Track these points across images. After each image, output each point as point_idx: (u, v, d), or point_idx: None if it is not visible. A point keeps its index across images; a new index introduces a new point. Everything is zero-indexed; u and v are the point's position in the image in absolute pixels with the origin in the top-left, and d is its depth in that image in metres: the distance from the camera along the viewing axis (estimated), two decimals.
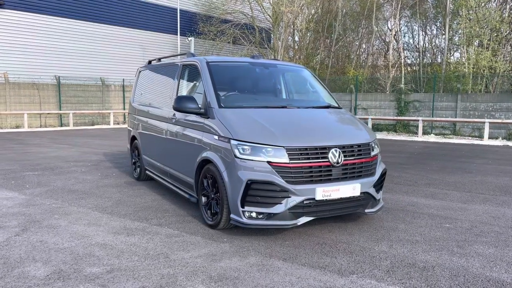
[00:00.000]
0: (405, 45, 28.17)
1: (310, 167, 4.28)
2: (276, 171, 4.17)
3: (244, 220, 4.25)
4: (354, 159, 4.56)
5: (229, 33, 27.08)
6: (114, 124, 22.87)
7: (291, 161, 4.20)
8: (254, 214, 4.25)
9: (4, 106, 20.67)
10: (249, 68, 5.63)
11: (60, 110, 22.19)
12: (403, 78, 22.33)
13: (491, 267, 3.72)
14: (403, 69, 24.07)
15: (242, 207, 4.24)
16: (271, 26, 27.91)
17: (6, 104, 20.77)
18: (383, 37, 26.39)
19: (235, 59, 5.95)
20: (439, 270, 3.64)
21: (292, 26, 27.77)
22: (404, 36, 29.80)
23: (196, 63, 5.43)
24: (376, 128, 19.90)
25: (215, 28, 26.93)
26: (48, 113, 21.64)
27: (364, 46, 27.86)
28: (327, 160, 4.34)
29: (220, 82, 5.18)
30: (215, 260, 3.80)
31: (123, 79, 24.34)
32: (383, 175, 4.94)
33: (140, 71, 7.83)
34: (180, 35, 26.08)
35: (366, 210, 4.75)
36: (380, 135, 18.48)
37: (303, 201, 4.23)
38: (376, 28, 26.02)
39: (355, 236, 4.51)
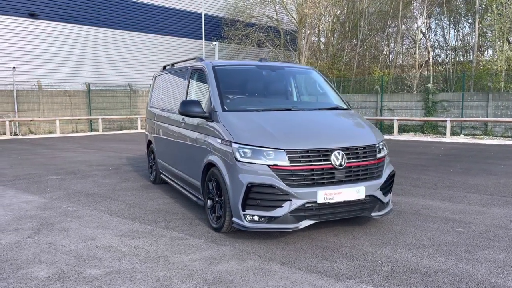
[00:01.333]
0: (436, 44, 27.49)
1: (312, 169, 4.23)
2: (276, 174, 4.15)
3: (245, 223, 4.24)
4: (359, 161, 4.47)
5: (253, 36, 27.21)
6: (141, 128, 23.38)
7: (291, 164, 4.17)
8: (255, 218, 4.24)
9: (38, 113, 21.53)
10: (255, 71, 5.63)
11: (90, 116, 22.89)
12: (431, 77, 21.75)
13: (498, 273, 3.55)
14: (432, 68, 23.45)
15: (243, 210, 4.23)
16: (295, 28, 27.83)
17: (40, 111, 21.63)
18: (411, 36, 25.78)
19: (242, 62, 5.97)
20: (442, 276, 3.51)
21: (317, 28, 27.59)
22: (435, 34, 29.08)
23: (202, 67, 5.48)
24: (403, 129, 19.44)
25: (239, 32, 27.12)
26: (78, 119, 22.36)
27: (392, 46, 27.31)
28: (330, 162, 4.28)
29: (225, 86, 5.20)
30: (213, 264, 3.81)
31: (150, 85, 24.86)
32: (390, 177, 4.83)
33: (155, 76, 7.99)
34: (205, 39, 26.39)
35: (372, 214, 4.64)
36: (406, 136, 18.05)
37: (304, 204, 4.19)
38: (405, 27, 25.49)
39: (360, 240, 4.42)
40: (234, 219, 4.36)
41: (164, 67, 7.71)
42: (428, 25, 27.73)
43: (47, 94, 21.77)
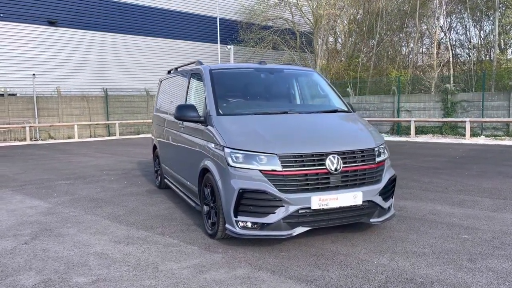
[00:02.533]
0: (457, 43, 26.85)
1: (306, 174, 4.10)
2: (268, 179, 4.04)
3: (238, 230, 4.14)
4: (356, 165, 4.31)
5: (269, 39, 27.13)
6: None
7: (284, 169, 4.05)
8: (248, 224, 4.13)
9: (57, 119, 21.97)
10: (254, 74, 5.54)
11: (107, 120, 23.22)
12: (451, 77, 21.20)
13: (499, 284, 3.34)
14: (451, 67, 22.87)
15: (235, 216, 4.14)
16: (311, 30, 27.63)
17: (59, 117, 22.06)
18: (430, 36, 25.22)
19: (240, 65, 5.88)
20: (438, 286, 3.32)
21: (333, 29, 27.31)
22: (456, 33, 28.42)
23: (200, 71, 5.42)
24: (421, 130, 18.98)
25: (255, 35, 27.09)
26: (96, 124, 22.71)
27: (409, 46, 26.79)
28: (325, 167, 4.14)
29: (221, 90, 5.13)
30: (201, 272, 3.72)
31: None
32: (391, 182, 4.64)
33: (161, 81, 7.99)
34: (221, 43, 26.46)
35: (372, 220, 4.47)
36: (424, 138, 17.62)
37: (298, 211, 4.06)
38: (425, 26, 24.96)
39: (358, 248, 4.26)
40: (227, 225, 4.27)
41: (169, 71, 7.69)
42: (448, 24, 27.14)
43: (66, 99, 22.19)
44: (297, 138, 4.37)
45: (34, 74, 21.03)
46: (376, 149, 4.53)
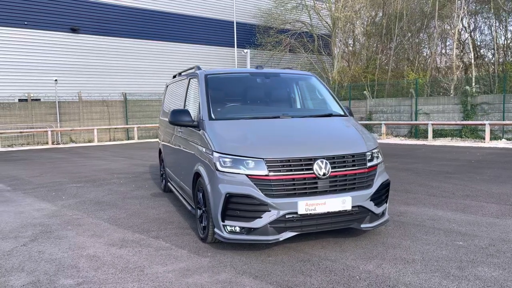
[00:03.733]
0: (482, 43, 26.17)
1: (293, 179, 4.09)
2: (254, 184, 4.04)
3: (225, 234, 4.16)
4: (346, 170, 4.27)
5: (286, 42, 27.12)
6: None
7: (270, 174, 4.04)
8: (236, 229, 4.15)
9: (78, 123, 22.52)
10: (249, 79, 5.56)
11: (126, 124, 23.65)
12: (473, 78, 20.67)
13: None
14: (473, 69, 22.30)
15: (223, 221, 4.16)
16: (329, 32, 27.47)
17: (80, 121, 22.62)
18: (449, 37, 24.68)
19: (237, 70, 5.93)
20: None
21: (352, 32, 27.08)
22: (481, 34, 27.71)
23: (197, 76, 5.48)
24: (440, 134, 18.57)
25: (272, 39, 27.13)
26: (115, 128, 23.17)
27: (430, 47, 26.27)
28: (312, 172, 4.11)
29: (216, 94, 5.18)
30: (185, 276, 3.76)
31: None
32: (384, 187, 4.57)
33: (167, 85, 8.09)
34: (238, 47, 26.61)
35: (362, 226, 4.41)
36: (442, 142, 17.23)
37: (285, 216, 4.05)
38: (448, 27, 24.46)
39: (347, 253, 4.21)
40: (215, 229, 4.29)
41: (174, 76, 7.79)
42: (473, 24, 26.50)
43: (86, 104, 22.74)
44: (285, 143, 4.36)
45: (56, 80, 21.63)
46: (368, 153, 4.47)
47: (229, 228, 4.15)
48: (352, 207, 4.22)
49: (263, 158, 4.08)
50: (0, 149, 19.35)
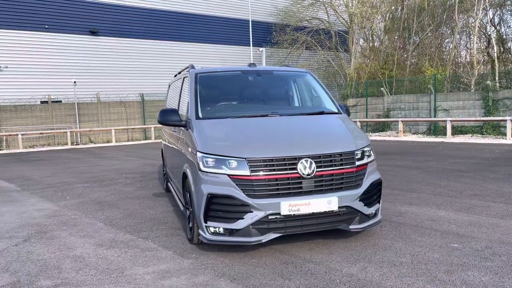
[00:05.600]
0: (508, 37, 25.26)
1: (276, 179, 3.97)
2: (236, 184, 3.95)
3: (207, 235, 4.08)
4: (332, 169, 4.12)
5: (302, 39, 26.88)
6: None
7: (252, 174, 3.94)
8: (219, 230, 4.06)
9: (97, 123, 22.92)
10: (240, 77, 5.46)
11: (144, 125, 23.92)
12: (497, 73, 19.95)
13: None
14: (497, 63, 21.53)
15: (205, 222, 4.08)
16: (346, 29, 27.07)
17: (99, 122, 23.01)
18: (471, 31, 23.90)
19: (228, 68, 5.82)
20: None
21: (369, 27, 26.59)
22: (509, 27, 26.76)
23: (189, 75, 5.43)
24: (460, 130, 18.00)
25: (289, 37, 26.92)
26: (132, 128, 23.45)
27: (450, 41, 25.53)
28: (296, 171, 3.99)
29: (206, 93, 5.11)
30: (163, 278, 3.70)
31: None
32: (375, 186, 4.40)
33: (169, 85, 8.09)
34: (254, 45, 26.52)
35: (351, 227, 4.25)
36: (462, 139, 16.68)
37: (267, 217, 3.94)
38: (471, 20, 23.70)
39: (333, 255, 4.06)
40: (199, 231, 4.22)
41: (175, 75, 7.77)
42: (498, 17, 25.64)
43: (105, 105, 23.10)
44: (270, 142, 4.25)
45: (75, 82, 22.06)
46: (358, 152, 4.31)
47: (212, 229, 4.07)
48: (339, 207, 4.08)
49: (245, 158, 3.98)
50: (22, 150, 19.88)
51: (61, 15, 22.62)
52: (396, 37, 25.28)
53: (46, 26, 22.45)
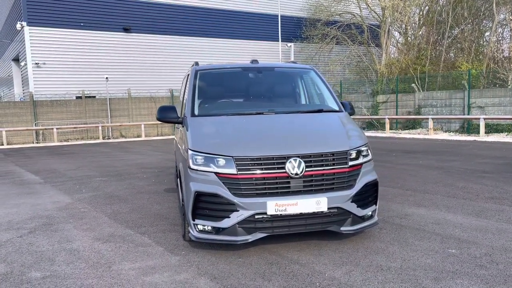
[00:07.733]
0: None
1: (263, 178, 3.92)
2: (223, 182, 3.92)
3: (195, 233, 4.09)
4: (323, 169, 4.02)
5: (333, 34, 26.44)
6: None
7: (239, 172, 3.90)
8: (205, 228, 4.06)
9: (127, 118, 23.50)
10: (241, 74, 5.41)
11: None
12: None
13: None
14: None
15: (193, 219, 4.08)
16: (378, 23, 26.38)
17: (129, 117, 23.58)
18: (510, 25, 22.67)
19: (229, 65, 5.76)
20: None
21: (402, 21, 25.79)
22: None
23: (189, 72, 5.44)
24: (495, 129, 17.16)
25: (319, 31, 26.55)
26: (162, 123, 23.87)
27: (489, 35, 24.35)
28: (284, 171, 3.92)
29: (206, 90, 5.11)
30: (146, 274, 3.73)
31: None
32: (371, 187, 4.25)
33: (182, 82, 8.14)
34: (283, 41, 26.34)
35: (342, 228, 4.13)
36: (496, 137, 15.91)
37: (254, 216, 3.89)
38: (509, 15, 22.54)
39: (321, 257, 3.96)
40: (189, 228, 4.23)
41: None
42: None
43: (135, 101, 23.65)
44: (261, 140, 4.19)
45: (107, 78, 22.70)
46: (351, 151, 4.18)
47: (200, 227, 4.07)
48: (329, 208, 3.97)
49: (232, 156, 3.95)
50: (57, 143, 20.70)
51: (96, 13, 23.31)
52: (429, 31, 24.38)
53: (82, 24, 23.21)
